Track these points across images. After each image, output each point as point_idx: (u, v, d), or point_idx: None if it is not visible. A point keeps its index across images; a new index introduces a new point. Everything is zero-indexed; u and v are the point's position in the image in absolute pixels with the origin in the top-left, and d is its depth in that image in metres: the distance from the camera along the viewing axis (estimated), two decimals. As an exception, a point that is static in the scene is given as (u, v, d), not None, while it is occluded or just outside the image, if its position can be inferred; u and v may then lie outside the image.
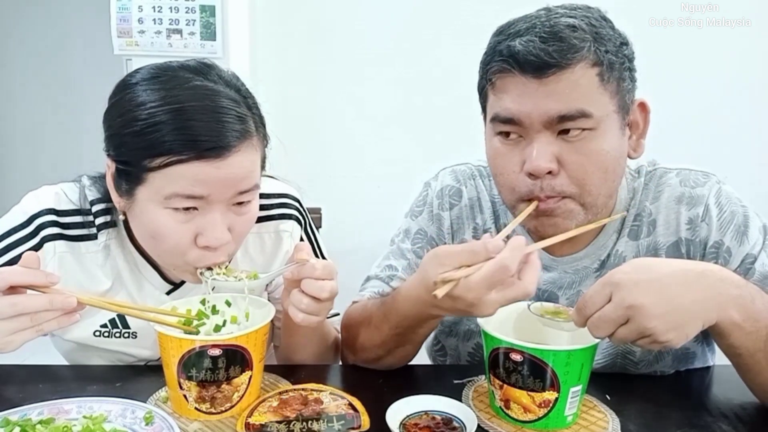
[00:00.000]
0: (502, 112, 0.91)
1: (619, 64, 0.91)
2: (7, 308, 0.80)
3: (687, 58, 2.17)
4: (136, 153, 0.87)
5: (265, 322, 0.86)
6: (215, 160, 0.85)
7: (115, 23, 2.18)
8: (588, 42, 0.88)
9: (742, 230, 0.97)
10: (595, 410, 0.87)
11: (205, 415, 0.84)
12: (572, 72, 0.87)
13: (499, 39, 0.92)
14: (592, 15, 0.92)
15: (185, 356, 0.81)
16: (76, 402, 0.83)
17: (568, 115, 0.87)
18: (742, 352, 0.84)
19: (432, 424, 0.80)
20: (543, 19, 0.89)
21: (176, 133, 0.84)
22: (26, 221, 0.99)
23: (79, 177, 1.06)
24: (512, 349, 0.80)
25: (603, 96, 0.89)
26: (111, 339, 1.04)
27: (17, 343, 0.82)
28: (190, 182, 0.86)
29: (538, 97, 0.87)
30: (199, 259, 0.92)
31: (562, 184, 0.90)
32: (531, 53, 0.86)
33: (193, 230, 0.90)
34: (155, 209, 0.89)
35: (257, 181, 0.94)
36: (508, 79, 0.90)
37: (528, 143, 0.91)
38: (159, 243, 0.92)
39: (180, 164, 0.85)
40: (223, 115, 0.87)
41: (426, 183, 1.17)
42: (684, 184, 1.01)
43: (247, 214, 0.95)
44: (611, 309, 0.77)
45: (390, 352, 0.98)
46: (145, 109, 0.86)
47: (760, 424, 0.86)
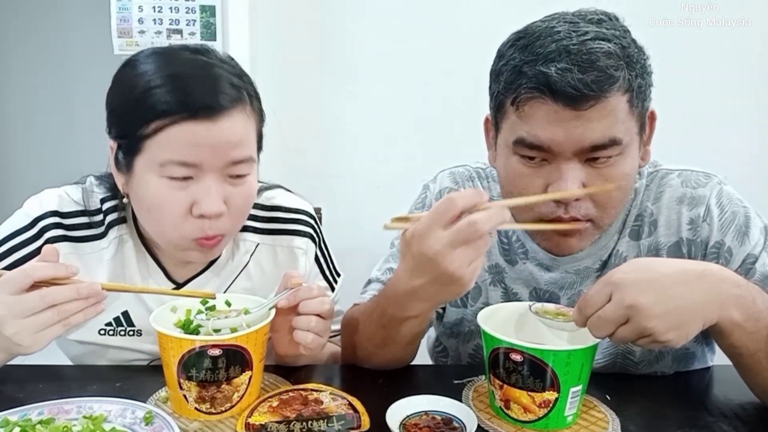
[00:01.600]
0: (530, 138, 0.88)
1: (646, 85, 0.89)
2: (37, 301, 0.80)
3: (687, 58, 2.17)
4: (134, 121, 0.89)
5: (266, 323, 0.86)
6: (207, 121, 0.87)
7: (115, 23, 2.17)
8: (622, 70, 0.85)
9: (744, 230, 0.97)
10: (595, 410, 0.87)
11: (205, 415, 0.83)
12: (608, 101, 0.84)
13: (525, 59, 0.87)
14: (619, 32, 0.88)
15: (185, 356, 0.81)
16: (76, 402, 0.83)
17: (601, 145, 0.86)
18: (742, 351, 0.84)
19: (432, 424, 0.80)
20: (574, 41, 0.84)
21: (170, 95, 0.88)
22: (30, 224, 1.00)
23: (84, 178, 1.07)
24: (512, 349, 0.80)
25: (631, 121, 0.88)
26: (116, 337, 1.04)
27: (45, 340, 0.82)
28: (182, 147, 0.88)
29: (571, 127, 0.85)
30: (194, 231, 0.93)
31: (587, 207, 0.90)
32: (569, 84, 0.82)
33: (188, 200, 0.91)
34: (152, 179, 0.90)
35: (252, 153, 0.95)
36: (538, 104, 0.86)
37: (554, 168, 0.88)
38: (156, 215, 0.94)
39: (173, 126, 0.87)
40: (216, 81, 0.91)
41: (425, 185, 1.17)
42: (685, 185, 1.01)
43: (243, 187, 0.95)
44: (611, 309, 0.77)
45: (378, 349, 0.97)
46: (142, 78, 0.90)
47: (760, 424, 0.86)
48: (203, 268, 1.08)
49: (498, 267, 1.08)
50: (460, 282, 0.77)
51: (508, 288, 1.08)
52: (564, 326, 0.86)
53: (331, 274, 1.18)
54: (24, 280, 0.81)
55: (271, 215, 1.11)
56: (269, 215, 1.11)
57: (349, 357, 1.05)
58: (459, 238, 0.75)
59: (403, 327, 0.91)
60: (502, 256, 1.08)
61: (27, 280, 0.81)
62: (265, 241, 1.10)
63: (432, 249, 0.75)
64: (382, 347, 0.97)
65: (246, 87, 0.95)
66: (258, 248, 1.10)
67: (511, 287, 1.08)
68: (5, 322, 0.80)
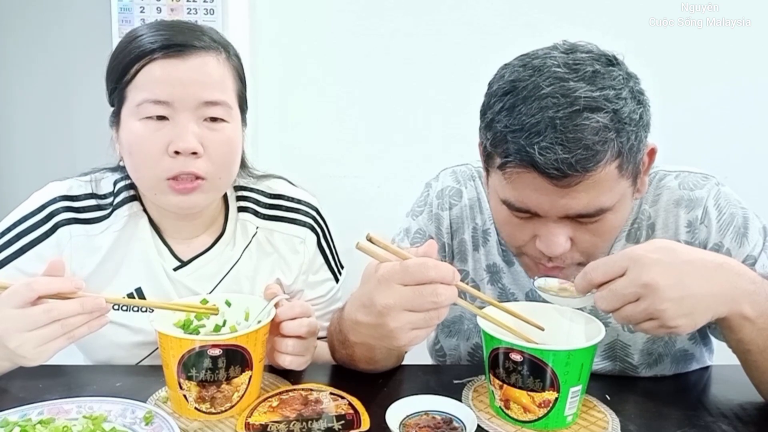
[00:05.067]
0: (517, 203, 0.87)
1: (637, 141, 0.84)
2: (42, 316, 0.80)
3: (687, 58, 2.17)
4: (119, 71, 0.96)
5: (265, 322, 0.86)
6: (177, 58, 0.94)
7: (116, 23, 2.18)
8: (611, 141, 0.80)
9: (742, 232, 0.97)
10: (595, 410, 0.87)
11: (205, 415, 0.84)
12: (594, 175, 0.81)
13: (510, 127, 0.82)
14: (615, 89, 0.82)
15: (185, 356, 0.81)
16: (76, 402, 0.83)
17: (587, 214, 0.85)
18: (751, 348, 0.84)
19: (432, 424, 0.80)
20: (560, 114, 0.79)
21: (149, 39, 0.95)
22: (38, 208, 1.03)
23: (93, 170, 1.11)
24: (512, 349, 0.80)
25: (621, 182, 0.85)
26: (129, 313, 1.05)
27: (49, 353, 0.82)
28: (155, 85, 0.94)
29: (556, 198, 0.83)
30: (169, 169, 0.96)
31: (572, 257, 0.90)
32: (552, 165, 0.79)
33: (164, 139, 0.95)
34: (132, 123, 0.96)
35: (227, 99, 0.99)
36: (524, 175, 0.83)
37: (542, 224, 0.87)
38: (135, 157, 0.97)
39: (148, 65, 0.94)
40: (195, 29, 0.99)
41: (427, 183, 1.17)
42: (683, 187, 1.01)
43: (221, 133, 0.98)
44: (624, 283, 0.76)
45: (348, 362, 0.98)
46: (132, 34, 0.99)
47: (760, 424, 0.86)
48: (207, 247, 1.09)
49: (496, 266, 1.08)
50: (395, 341, 0.75)
51: (505, 288, 1.08)
52: (568, 302, 0.86)
53: (336, 266, 1.20)
54: (28, 295, 0.81)
55: (272, 202, 1.14)
56: (271, 202, 1.14)
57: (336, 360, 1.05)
58: (415, 302, 0.73)
59: (357, 349, 0.92)
60: (500, 256, 1.08)
61: (31, 295, 0.81)
62: (265, 226, 1.13)
63: (382, 301, 0.73)
64: (348, 362, 0.98)
65: (226, 44, 1.01)
66: (258, 231, 1.12)
67: (508, 287, 1.08)
68: (9, 335, 0.81)
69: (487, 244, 1.09)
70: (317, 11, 2.24)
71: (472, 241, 1.10)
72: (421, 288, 0.73)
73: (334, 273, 1.19)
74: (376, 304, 0.74)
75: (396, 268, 0.74)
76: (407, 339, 0.75)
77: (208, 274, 1.08)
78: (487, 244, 1.09)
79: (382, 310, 0.74)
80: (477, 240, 1.10)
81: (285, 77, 2.24)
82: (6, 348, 0.81)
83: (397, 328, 0.74)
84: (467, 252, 1.10)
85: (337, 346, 0.98)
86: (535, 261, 0.93)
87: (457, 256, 1.11)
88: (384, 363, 0.98)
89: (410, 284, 0.73)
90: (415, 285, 0.73)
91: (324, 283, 1.18)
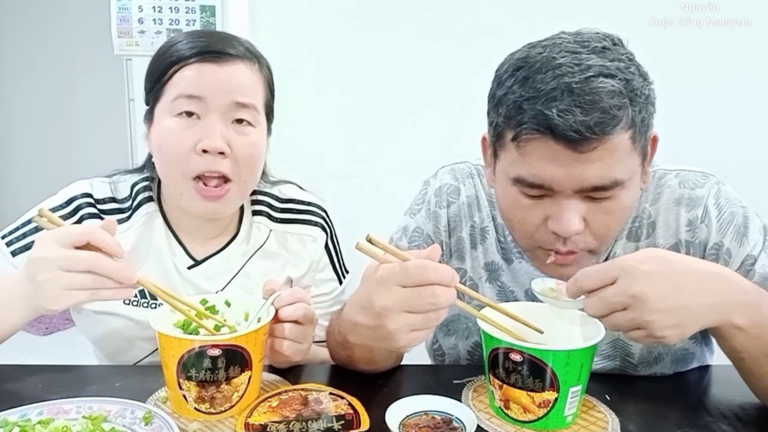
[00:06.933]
0: (530, 177, 0.85)
1: (648, 117, 0.86)
2: (82, 261, 0.81)
3: (687, 58, 2.17)
4: (157, 74, 1.02)
5: (265, 322, 0.86)
6: (214, 63, 0.99)
7: (115, 23, 2.18)
8: (626, 108, 0.81)
9: (742, 231, 0.97)
10: (595, 410, 0.87)
11: (205, 415, 0.84)
12: (609, 141, 0.81)
13: (525, 95, 0.83)
14: (624, 62, 0.84)
15: (185, 356, 0.81)
16: (76, 402, 0.83)
17: (602, 186, 0.84)
18: (744, 356, 0.84)
19: (432, 424, 0.80)
20: (576, 78, 0.80)
21: (189, 44, 1.00)
22: (65, 202, 1.07)
23: (113, 172, 1.14)
24: (512, 349, 0.80)
25: (633, 156, 0.85)
26: (139, 308, 1.06)
27: (70, 300, 0.82)
28: (190, 82, 0.99)
29: (572, 167, 0.82)
30: (197, 167, 0.99)
31: (585, 240, 0.89)
32: (571, 127, 0.78)
33: (193, 138, 0.98)
34: (165, 119, 1.00)
35: (257, 104, 1.03)
36: (539, 143, 0.83)
37: (554, 202, 0.87)
38: (165, 152, 1.01)
39: (185, 67, 0.99)
40: (231, 38, 1.05)
41: (425, 181, 1.17)
42: (683, 186, 1.01)
43: (247, 137, 1.02)
44: (612, 293, 0.76)
45: (347, 363, 0.98)
46: (174, 40, 1.04)
47: (760, 424, 0.86)
48: (221, 247, 1.12)
49: (495, 264, 1.08)
50: (394, 343, 0.75)
51: (504, 285, 1.08)
52: (563, 304, 0.85)
53: (341, 268, 1.22)
54: (81, 237, 0.81)
55: (285, 206, 1.18)
56: (284, 206, 1.18)
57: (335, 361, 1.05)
58: (413, 304, 0.73)
59: (356, 350, 0.92)
60: (499, 254, 1.08)
61: (84, 238, 0.81)
62: (278, 229, 1.16)
63: (381, 303, 0.73)
64: (348, 363, 0.98)
65: (259, 56, 1.06)
66: (272, 234, 1.15)
67: (507, 285, 1.08)
68: (44, 266, 0.80)
69: (486, 241, 1.09)
70: (317, 11, 2.25)
71: (470, 239, 1.10)
72: (420, 290, 0.73)
73: (338, 275, 1.21)
74: (375, 305, 0.74)
75: (395, 270, 0.74)
76: (406, 340, 0.75)
77: (220, 273, 1.10)
78: (485, 242, 1.09)
79: (380, 311, 0.74)
80: (475, 238, 1.09)
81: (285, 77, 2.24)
82: (33, 280, 0.81)
83: (396, 330, 0.74)
84: (465, 250, 1.10)
85: (337, 348, 0.98)
86: (547, 250, 0.91)
87: (455, 254, 1.10)
88: (383, 363, 0.98)
89: (409, 286, 0.73)
90: (414, 286, 0.73)
91: (327, 282, 1.20)
